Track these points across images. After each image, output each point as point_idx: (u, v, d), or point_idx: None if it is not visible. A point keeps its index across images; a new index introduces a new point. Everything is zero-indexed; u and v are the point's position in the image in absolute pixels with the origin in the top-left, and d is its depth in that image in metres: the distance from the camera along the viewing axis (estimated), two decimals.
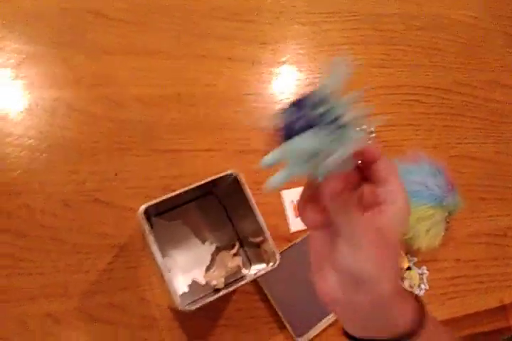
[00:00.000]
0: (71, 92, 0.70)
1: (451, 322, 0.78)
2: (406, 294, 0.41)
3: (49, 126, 0.67)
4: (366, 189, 0.39)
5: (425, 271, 0.78)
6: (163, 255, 0.65)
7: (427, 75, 0.93)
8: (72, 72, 0.71)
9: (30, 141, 0.66)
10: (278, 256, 0.61)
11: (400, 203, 0.39)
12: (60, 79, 0.70)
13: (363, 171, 0.40)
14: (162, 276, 0.58)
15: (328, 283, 0.39)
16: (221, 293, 0.59)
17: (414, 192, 0.74)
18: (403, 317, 0.39)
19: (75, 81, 0.71)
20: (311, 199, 0.38)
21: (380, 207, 0.39)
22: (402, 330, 0.39)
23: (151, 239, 0.58)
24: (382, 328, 0.40)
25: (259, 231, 0.63)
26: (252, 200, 0.63)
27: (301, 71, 0.84)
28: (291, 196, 0.75)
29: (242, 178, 0.63)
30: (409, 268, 0.74)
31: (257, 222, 0.63)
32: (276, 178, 0.36)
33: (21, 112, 0.67)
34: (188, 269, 0.67)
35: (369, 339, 0.41)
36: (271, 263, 0.62)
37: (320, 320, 0.69)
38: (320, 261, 0.41)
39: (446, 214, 0.76)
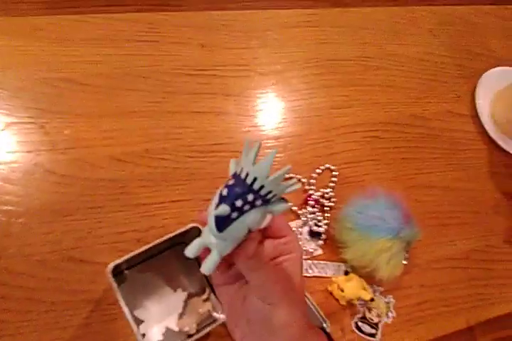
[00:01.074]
0: (48, 156, 0.67)
1: None
2: (316, 330, 0.42)
3: (25, 190, 0.64)
4: (267, 244, 0.41)
5: (391, 300, 0.74)
6: (137, 306, 0.62)
7: (386, 112, 0.89)
8: (48, 137, 0.68)
9: (6, 207, 0.63)
10: None
11: (299, 250, 0.42)
12: (38, 145, 0.67)
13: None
14: None
15: (244, 335, 0.40)
16: (192, 339, 0.56)
17: (373, 226, 0.70)
18: None
19: (51, 145, 0.68)
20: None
21: (280, 259, 0.41)
22: None
23: (118, 295, 0.55)
24: None
25: None
26: None
27: (264, 119, 0.80)
28: None
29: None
30: (372, 300, 0.69)
31: None
32: (208, 264, 0.36)
33: None
34: (161, 318, 0.63)
35: None
36: None
37: None
38: (233, 315, 0.42)
39: (405, 244, 0.71)
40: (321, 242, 0.74)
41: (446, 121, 0.93)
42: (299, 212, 0.75)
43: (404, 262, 0.74)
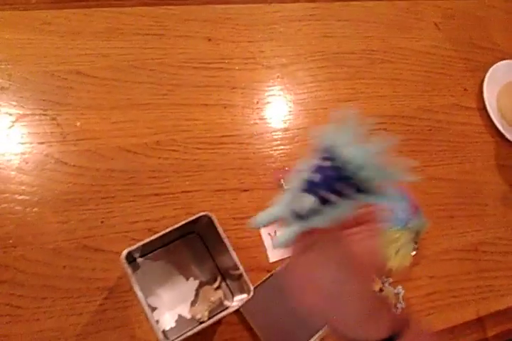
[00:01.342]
0: (59, 148, 0.72)
1: None
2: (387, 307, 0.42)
3: (39, 181, 0.69)
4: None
5: (401, 290, 0.79)
6: (150, 294, 0.67)
7: (392, 105, 0.95)
8: (59, 128, 0.73)
9: (21, 197, 0.68)
10: (251, 288, 0.62)
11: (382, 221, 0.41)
12: (49, 136, 0.73)
13: None
14: None
15: (315, 302, 0.40)
16: (203, 325, 0.61)
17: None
18: (387, 325, 0.40)
19: (62, 137, 0.73)
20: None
21: (365, 228, 0.40)
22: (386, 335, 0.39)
23: (133, 280, 0.60)
24: (367, 334, 0.40)
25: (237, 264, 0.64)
26: (225, 238, 0.64)
27: (271, 111, 0.86)
28: (268, 229, 0.76)
29: (215, 219, 0.65)
30: (381, 290, 0.74)
31: None
32: (282, 239, 0.36)
33: (13, 170, 0.69)
34: (174, 305, 0.67)
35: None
36: (246, 295, 0.63)
37: None
38: (304, 282, 0.41)
39: (413, 235, 0.76)
40: None
41: (453, 114, 0.99)
42: None
43: (413, 253, 0.79)
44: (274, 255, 0.75)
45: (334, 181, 0.31)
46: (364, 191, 0.32)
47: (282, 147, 0.83)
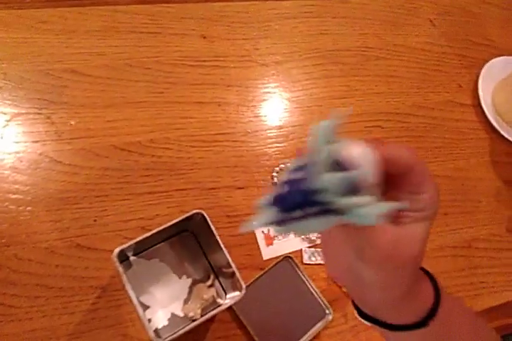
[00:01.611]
0: (54, 146, 0.70)
1: None
2: (420, 287, 0.37)
3: (33, 180, 0.67)
4: (393, 195, 0.34)
5: None
6: (143, 292, 0.65)
7: (387, 102, 0.92)
8: (53, 127, 0.71)
9: (15, 196, 0.66)
10: (244, 286, 0.60)
11: (432, 211, 0.34)
12: (43, 135, 0.71)
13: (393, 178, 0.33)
14: None
15: (339, 272, 0.38)
16: (195, 323, 0.59)
17: None
18: (414, 311, 0.36)
19: (56, 135, 0.71)
20: None
21: (403, 214, 0.33)
22: (414, 320, 0.36)
23: (125, 279, 0.58)
24: (391, 317, 0.37)
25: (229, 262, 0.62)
26: (218, 236, 0.62)
27: (266, 109, 0.84)
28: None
29: (207, 217, 0.63)
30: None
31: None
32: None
33: (6, 170, 0.67)
34: (167, 304, 0.66)
35: (382, 322, 0.37)
36: (238, 292, 0.61)
37: None
38: (334, 262, 0.38)
39: None
40: None
41: (448, 110, 0.96)
42: None
43: None
44: (267, 253, 0.73)
45: (305, 199, 0.28)
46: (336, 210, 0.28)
47: (277, 145, 0.81)
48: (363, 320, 0.39)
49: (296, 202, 0.28)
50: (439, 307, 0.36)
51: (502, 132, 0.96)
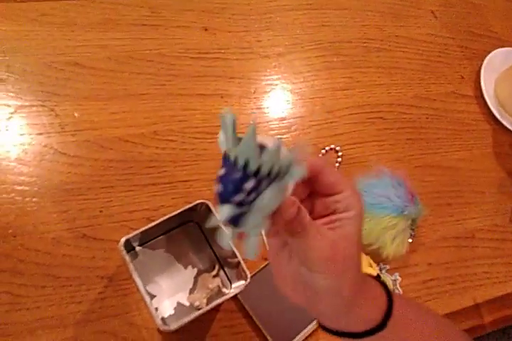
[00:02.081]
0: (58, 138, 0.72)
1: None
2: (369, 295, 0.39)
3: (38, 171, 0.69)
4: (317, 202, 0.37)
5: (398, 277, 0.79)
6: (149, 282, 0.67)
7: (389, 93, 0.94)
8: (57, 119, 0.73)
9: (21, 187, 0.68)
10: (249, 275, 0.63)
11: (356, 208, 0.36)
12: (47, 127, 0.73)
13: (311, 186, 0.37)
14: None
15: (291, 289, 0.39)
16: (201, 311, 0.61)
17: (378, 204, 0.75)
18: (370, 314, 0.38)
19: (60, 128, 0.73)
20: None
21: (331, 218, 0.36)
22: (374, 323, 0.38)
23: (131, 268, 0.60)
24: (351, 325, 0.39)
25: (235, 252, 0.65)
26: (222, 226, 0.64)
27: (268, 101, 0.86)
28: None
29: (212, 206, 0.65)
30: (378, 277, 0.75)
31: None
32: (250, 249, 0.33)
33: (12, 161, 0.69)
34: (172, 293, 0.68)
35: (344, 332, 0.39)
36: (243, 282, 0.63)
37: (300, 331, 0.70)
38: (281, 274, 0.40)
39: (410, 222, 0.76)
40: None
41: (451, 101, 0.98)
42: None
43: (410, 240, 0.79)
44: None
45: (236, 187, 0.29)
46: (276, 175, 0.30)
47: (279, 136, 0.83)
48: (329, 334, 0.41)
49: (233, 189, 0.29)
50: (393, 307, 0.39)
51: (505, 123, 0.98)
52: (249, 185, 0.29)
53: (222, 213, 0.29)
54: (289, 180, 0.31)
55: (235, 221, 0.30)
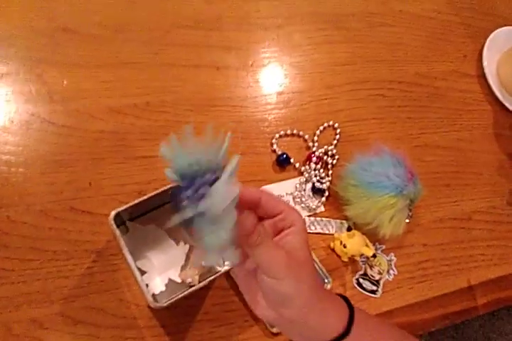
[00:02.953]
0: (46, 107, 0.70)
1: (422, 304, 0.78)
2: (331, 298, 0.46)
3: (25, 141, 0.67)
4: (267, 223, 0.44)
5: (393, 258, 0.79)
6: (140, 257, 0.66)
7: (391, 70, 0.93)
8: (45, 87, 0.71)
9: (6, 157, 0.66)
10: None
11: (298, 223, 0.44)
12: (35, 95, 0.70)
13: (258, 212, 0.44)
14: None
15: (262, 307, 0.44)
16: (193, 288, 0.60)
17: (377, 182, 0.74)
18: (332, 323, 0.44)
19: (48, 96, 0.71)
20: None
21: (281, 235, 0.44)
22: (335, 334, 0.44)
23: (122, 243, 0.59)
24: (317, 335, 0.44)
25: None
26: None
27: (266, 74, 0.84)
28: None
29: None
30: (374, 256, 0.74)
31: None
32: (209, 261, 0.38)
33: None
34: (164, 269, 0.67)
35: None
36: None
37: None
38: (250, 290, 0.46)
39: (408, 202, 0.76)
40: (323, 199, 0.78)
41: (452, 80, 0.97)
42: (302, 168, 0.79)
43: (407, 220, 0.78)
44: None
45: (179, 194, 0.36)
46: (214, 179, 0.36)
47: (277, 111, 0.81)
48: None
49: (178, 199, 0.36)
50: (354, 314, 0.45)
51: (506, 104, 0.97)
52: (189, 192, 0.35)
53: (174, 219, 0.35)
54: (225, 178, 0.36)
55: (190, 223, 0.36)
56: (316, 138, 0.81)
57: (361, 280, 0.76)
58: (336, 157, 0.81)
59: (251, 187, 0.44)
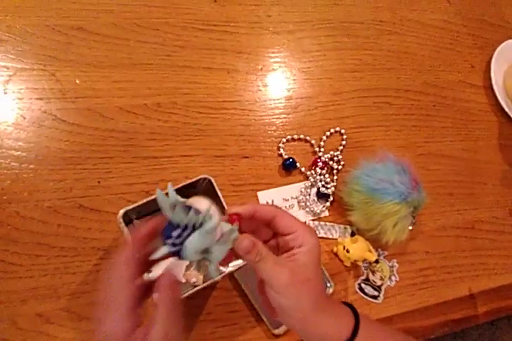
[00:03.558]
0: (58, 104, 0.71)
1: (423, 311, 0.79)
2: (334, 310, 0.49)
3: (36, 138, 0.69)
4: (280, 240, 0.49)
5: (395, 264, 0.80)
6: None
7: (398, 78, 0.94)
8: (58, 85, 0.72)
9: (18, 153, 0.67)
10: None
11: (310, 242, 0.47)
12: (48, 93, 0.72)
13: (272, 229, 0.49)
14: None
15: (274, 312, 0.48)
16: (196, 288, 0.61)
17: (381, 189, 0.75)
18: (334, 332, 0.47)
19: (61, 94, 0.72)
20: None
21: (290, 252, 0.47)
22: (348, 333, 0.47)
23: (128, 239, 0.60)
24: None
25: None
26: (224, 203, 0.64)
27: (275, 77, 0.85)
28: (266, 197, 0.76)
29: (214, 182, 0.65)
30: (376, 262, 0.75)
31: None
32: (213, 274, 0.45)
33: (9, 126, 0.68)
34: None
35: None
36: (241, 260, 0.63)
37: None
38: (267, 301, 0.48)
39: (412, 209, 0.77)
40: (328, 204, 0.80)
41: (459, 90, 0.98)
42: (308, 173, 0.80)
43: (410, 227, 0.79)
44: None
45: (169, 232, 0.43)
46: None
47: (284, 115, 0.83)
48: None
49: (167, 235, 0.43)
50: (359, 325, 0.48)
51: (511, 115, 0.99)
52: (176, 232, 0.42)
53: (159, 251, 0.43)
54: (206, 228, 0.43)
55: (177, 254, 0.43)
56: (322, 143, 0.83)
57: (363, 285, 0.77)
58: (342, 163, 0.83)
59: (269, 206, 0.49)
